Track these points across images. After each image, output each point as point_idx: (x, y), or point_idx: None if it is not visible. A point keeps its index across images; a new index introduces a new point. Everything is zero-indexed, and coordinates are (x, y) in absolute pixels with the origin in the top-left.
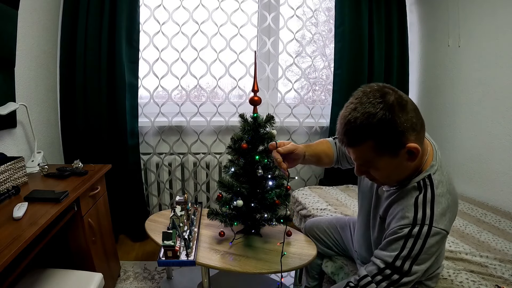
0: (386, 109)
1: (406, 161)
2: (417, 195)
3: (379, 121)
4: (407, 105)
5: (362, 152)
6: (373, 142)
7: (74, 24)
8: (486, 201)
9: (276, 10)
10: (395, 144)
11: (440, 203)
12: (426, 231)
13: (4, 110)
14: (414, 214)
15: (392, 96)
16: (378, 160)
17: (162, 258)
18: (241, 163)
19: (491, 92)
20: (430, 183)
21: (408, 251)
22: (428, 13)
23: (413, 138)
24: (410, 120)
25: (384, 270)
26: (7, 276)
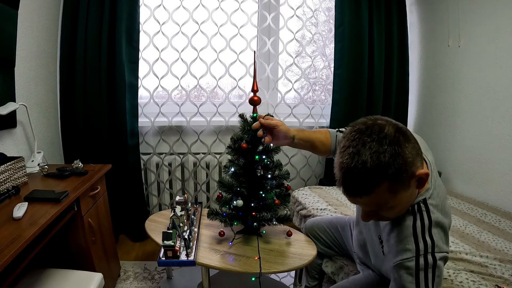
0: (393, 143)
1: (415, 189)
2: (413, 223)
3: (391, 158)
4: (406, 132)
5: (377, 198)
6: (388, 182)
7: (74, 24)
8: (486, 201)
9: (276, 10)
10: (408, 176)
11: (438, 229)
12: (432, 261)
13: (4, 110)
14: (415, 246)
15: (390, 127)
16: (394, 199)
17: (162, 258)
18: (241, 163)
19: (491, 92)
20: (426, 209)
21: (424, 283)
22: (428, 13)
23: (420, 164)
24: (414, 146)
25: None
26: (7, 276)
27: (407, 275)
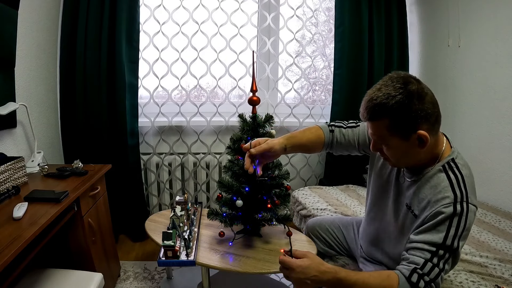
0: (405, 95)
1: (416, 147)
2: (448, 177)
3: (396, 103)
4: (425, 97)
5: (378, 128)
6: (388, 120)
7: (74, 24)
8: (486, 201)
9: (276, 10)
10: (407, 127)
11: (468, 182)
12: (466, 209)
13: (4, 110)
14: (453, 193)
15: (414, 86)
16: (390, 138)
17: (162, 258)
18: (241, 163)
19: (491, 92)
20: (456, 166)
21: (455, 229)
22: (428, 13)
23: (425, 127)
24: (425, 110)
25: (437, 252)
26: (7, 276)
27: (443, 218)
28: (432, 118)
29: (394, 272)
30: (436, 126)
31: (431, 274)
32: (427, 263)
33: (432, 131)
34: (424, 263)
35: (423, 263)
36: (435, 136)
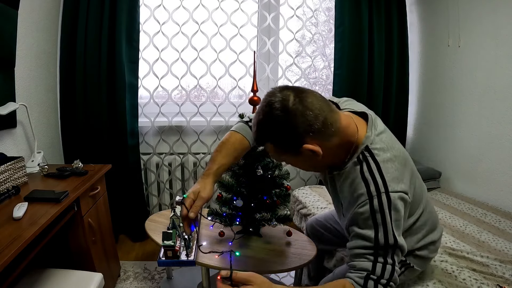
0: (283, 112)
1: (314, 157)
2: (361, 170)
3: (271, 127)
4: (301, 109)
5: (268, 150)
6: (272, 143)
7: (74, 24)
8: (486, 201)
9: (276, 10)
10: (292, 145)
11: (387, 168)
12: (387, 200)
13: (4, 110)
14: (367, 189)
15: (291, 98)
16: (284, 156)
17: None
18: (241, 163)
19: (491, 92)
20: (370, 154)
21: (382, 226)
22: (428, 13)
23: (310, 139)
24: (304, 123)
25: (377, 252)
26: (7, 276)
27: (363, 220)
28: (316, 126)
29: (348, 282)
30: (325, 130)
31: (385, 274)
32: (376, 264)
33: (323, 137)
34: (372, 266)
35: (371, 266)
36: (329, 139)
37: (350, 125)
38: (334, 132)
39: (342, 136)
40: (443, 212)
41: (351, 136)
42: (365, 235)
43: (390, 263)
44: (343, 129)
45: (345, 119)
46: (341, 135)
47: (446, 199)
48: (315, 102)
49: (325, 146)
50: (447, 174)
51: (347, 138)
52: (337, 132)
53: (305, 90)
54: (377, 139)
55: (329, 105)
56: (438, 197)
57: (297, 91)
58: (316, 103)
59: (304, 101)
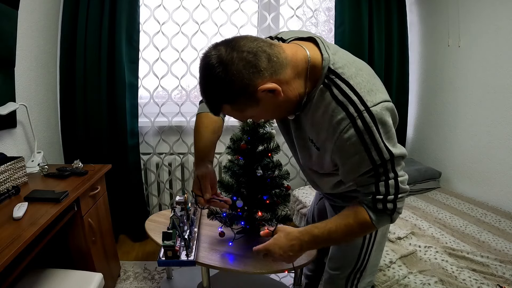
0: (221, 66)
1: (277, 98)
2: (332, 93)
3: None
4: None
5: (229, 113)
6: (227, 104)
7: (74, 24)
8: (486, 201)
9: (276, 10)
10: (247, 94)
11: (359, 83)
12: (369, 117)
13: (4, 110)
14: (344, 111)
15: (223, 49)
16: (246, 112)
17: (162, 258)
18: (241, 163)
19: (491, 92)
20: (335, 75)
21: (373, 145)
22: (428, 13)
23: (261, 80)
24: (248, 64)
25: (377, 172)
26: (7, 276)
27: (351, 145)
28: (260, 64)
29: (359, 207)
30: (272, 64)
31: (390, 190)
32: (378, 184)
33: (274, 73)
34: (375, 187)
35: (375, 188)
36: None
37: (297, 51)
38: (282, 63)
39: (293, 64)
40: (443, 212)
41: (302, 61)
42: (359, 161)
43: (392, 177)
44: (292, 57)
45: (289, 48)
46: (292, 64)
47: (446, 199)
48: (248, 43)
49: (280, 81)
50: (447, 174)
51: (300, 65)
52: (287, 63)
53: (235, 37)
54: (335, 57)
55: (265, 41)
56: (438, 197)
57: (227, 41)
58: (250, 43)
59: (236, 46)
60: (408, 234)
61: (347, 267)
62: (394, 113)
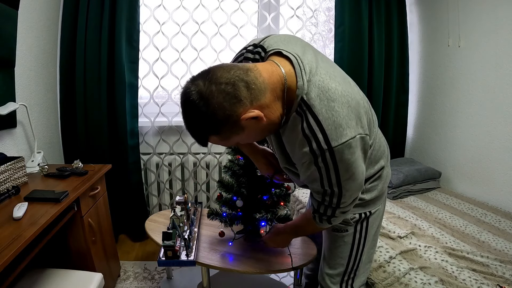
0: (202, 100)
1: (260, 123)
2: (302, 126)
3: (202, 117)
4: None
5: (215, 142)
6: (213, 135)
7: (74, 24)
8: (486, 201)
9: (276, 10)
10: (231, 124)
11: (327, 118)
12: (330, 157)
13: (4, 110)
14: (308, 145)
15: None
16: (233, 139)
17: (162, 258)
18: (241, 163)
19: (491, 92)
20: (307, 107)
21: (327, 178)
22: (428, 13)
23: (243, 109)
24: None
25: (323, 197)
26: (7, 276)
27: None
28: (240, 93)
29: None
30: (251, 92)
31: (327, 212)
32: (320, 205)
33: (254, 100)
34: (318, 205)
35: (317, 205)
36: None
37: (273, 72)
38: (261, 88)
39: (272, 87)
40: (443, 212)
41: (279, 83)
42: (313, 182)
43: (332, 207)
44: (269, 80)
45: (265, 70)
46: (270, 87)
47: (446, 199)
48: (225, 73)
49: (261, 106)
50: (447, 174)
51: (278, 87)
52: (265, 87)
53: (211, 69)
54: (310, 85)
55: (241, 68)
56: (438, 197)
57: (204, 74)
58: (226, 73)
59: (214, 78)
60: (408, 234)
61: (340, 266)
62: (362, 143)
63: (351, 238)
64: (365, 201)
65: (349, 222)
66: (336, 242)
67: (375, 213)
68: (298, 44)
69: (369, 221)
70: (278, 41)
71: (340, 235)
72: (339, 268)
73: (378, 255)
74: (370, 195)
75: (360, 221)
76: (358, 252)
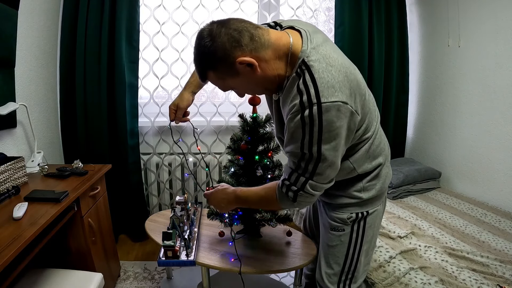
0: (209, 37)
1: (254, 73)
2: (298, 82)
3: (206, 51)
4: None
5: (212, 80)
6: (211, 70)
7: (74, 24)
8: (486, 201)
9: (276, 10)
10: (227, 64)
11: (323, 77)
12: (316, 110)
13: (4, 110)
14: (299, 98)
15: (215, 26)
16: (227, 82)
17: (162, 258)
18: (241, 163)
19: (491, 92)
20: (306, 67)
21: (309, 135)
22: (428, 13)
23: (241, 53)
24: (231, 39)
25: (299, 162)
26: (7, 276)
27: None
28: (243, 40)
29: (275, 184)
30: (253, 42)
31: (298, 183)
32: (292, 173)
33: (254, 50)
34: (290, 173)
35: (289, 173)
36: (261, 51)
37: (282, 38)
38: (264, 43)
39: (275, 47)
40: (443, 212)
41: (284, 46)
42: (293, 140)
43: (305, 176)
44: (275, 41)
45: (275, 33)
46: (274, 46)
47: (446, 199)
48: (237, 23)
49: (259, 58)
50: (447, 174)
51: (281, 49)
52: (269, 44)
53: (229, 18)
54: (313, 51)
55: (253, 24)
56: (438, 197)
57: (222, 20)
58: (239, 23)
59: (226, 23)
60: (408, 234)
61: (337, 266)
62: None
63: (347, 238)
64: (363, 200)
65: (345, 221)
66: (332, 241)
67: (373, 214)
68: (312, 27)
69: (367, 221)
70: (294, 22)
71: (337, 234)
72: (336, 267)
73: (378, 255)
74: (367, 194)
75: (357, 220)
76: (355, 252)
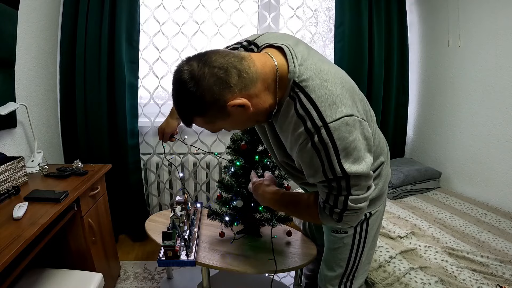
0: (192, 81)
1: (247, 111)
2: (295, 107)
3: (190, 97)
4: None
5: (201, 125)
6: (198, 116)
7: (74, 24)
8: (486, 201)
9: (276, 10)
10: (217, 109)
11: (321, 96)
12: (326, 133)
13: (4, 110)
14: (303, 125)
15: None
16: (218, 124)
17: (162, 258)
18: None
19: (491, 92)
20: (299, 88)
21: (327, 161)
22: (428, 13)
23: (231, 96)
24: (218, 80)
25: (330, 185)
26: (7, 276)
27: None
28: (231, 80)
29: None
30: (242, 80)
31: (339, 204)
32: (329, 196)
33: (244, 88)
34: (327, 196)
35: (326, 196)
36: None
37: (266, 63)
38: (252, 78)
39: (263, 77)
40: (443, 212)
41: (271, 73)
42: (315, 171)
43: (343, 194)
44: (261, 71)
45: (259, 60)
46: (262, 77)
47: (446, 199)
48: (219, 58)
49: (250, 96)
50: (447, 174)
51: (269, 77)
52: (257, 77)
53: (207, 52)
54: (301, 69)
55: (236, 56)
56: (438, 197)
57: (199, 56)
58: (221, 58)
59: (208, 61)
60: (408, 234)
61: (339, 268)
62: (360, 126)
63: (350, 240)
64: None
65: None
66: (335, 243)
67: (375, 214)
68: (290, 39)
69: (369, 222)
70: (270, 38)
71: (340, 237)
72: (338, 270)
73: (378, 255)
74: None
75: (359, 222)
76: (357, 253)
